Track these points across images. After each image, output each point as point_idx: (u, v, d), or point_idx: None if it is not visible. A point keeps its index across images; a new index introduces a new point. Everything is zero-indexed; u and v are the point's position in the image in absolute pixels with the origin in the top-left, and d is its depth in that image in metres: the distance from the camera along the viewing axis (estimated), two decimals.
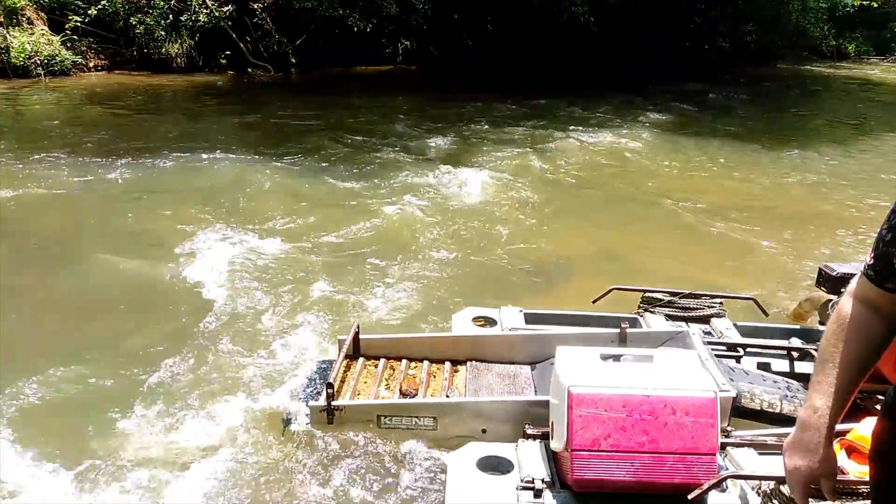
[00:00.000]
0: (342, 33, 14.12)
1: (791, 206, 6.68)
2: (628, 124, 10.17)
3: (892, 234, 1.15)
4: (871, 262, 1.20)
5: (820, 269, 3.17)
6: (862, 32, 26.69)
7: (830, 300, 2.96)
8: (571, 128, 9.67)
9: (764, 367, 3.21)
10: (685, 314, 3.49)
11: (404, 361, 3.16)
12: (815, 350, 3.08)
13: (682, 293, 3.54)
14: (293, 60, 14.14)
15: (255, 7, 13.74)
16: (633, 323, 3.38)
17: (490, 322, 3.45)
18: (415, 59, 15.82)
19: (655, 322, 3.40)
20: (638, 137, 9.48)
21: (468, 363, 3.20)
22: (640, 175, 7.75)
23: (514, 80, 14.13)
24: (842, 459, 2.24)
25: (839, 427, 2.51)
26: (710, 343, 3.13)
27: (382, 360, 3.17)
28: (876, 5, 21.30)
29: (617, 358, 2.47)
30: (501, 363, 3.23)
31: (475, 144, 8.42)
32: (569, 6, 14.89)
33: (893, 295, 1.18)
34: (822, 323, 3.11)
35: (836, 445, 2.42)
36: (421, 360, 3.19)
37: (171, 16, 13.07)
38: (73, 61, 12.48)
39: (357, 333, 3.19)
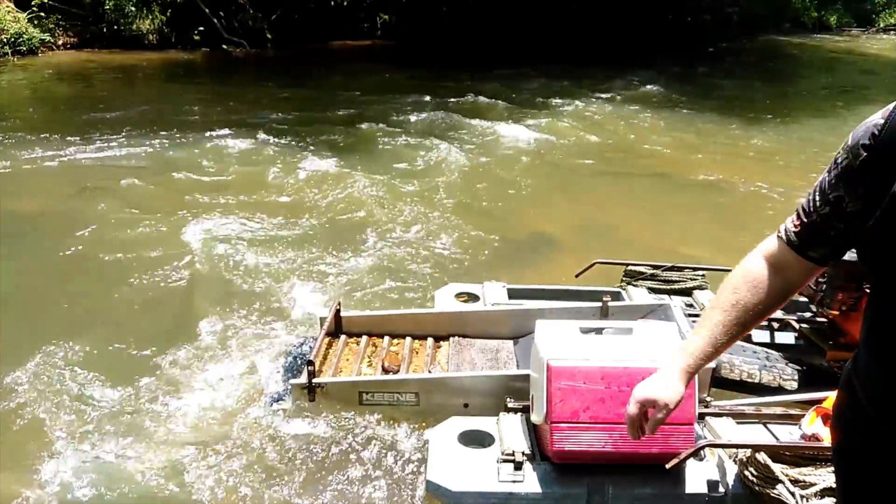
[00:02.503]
0: (318, 8, 13.90)
1: (774, 177, 6.70)
2: (611, 98, 10.15)
3: (830, 207, 1.17)
4: (797, 229, 1.22)
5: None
6: (843, 4, 26.75)
7: None
8: (553, 102, 9.63)
9: (745, 337, 3.24)
10: (667, 287, 3.51)
11: (386, 338, 3.15)
12: (795, 320, 3.15)
13: (664, 266, 3.56)
14: (269, 36, 13.91)
15: None
16: (616, 296, 3.39)
17: (473, 298, 3.44)
18: (394, 34, 15.62)
19: (638, 295, 3.42)
20: (620, 111, 9.47)
21: (451, 339, 3.19)
22: (622, 148, 7.75)
23: (494, 55, 14.02)
24: (817, 427, 2.28)
25: (815, 395, 2.59)
26: (691, 315, 3.15)
27: (364, 337, 3.15)
28: None
29: (598, 331, 2.48)
30: (484, 338, 3.22)
31: (456, 120, 8.34)
32: None
33: (811, 263, 1.23)
34: (800, 293, 3.14)
35: (811, 414, 2.47)
36: (403, 337, 3.18)
37: None
38: (41, 39, 12.16)
39: (338, 311, 3.17)
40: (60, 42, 12.71)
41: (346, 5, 13.41)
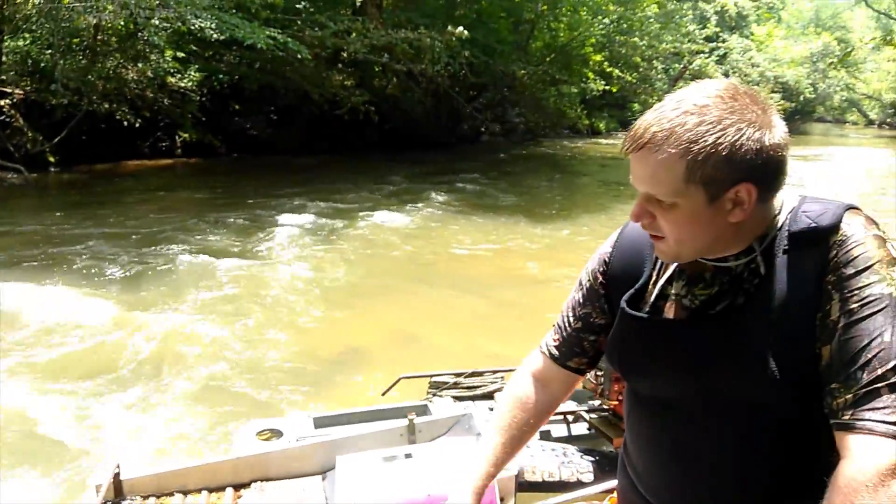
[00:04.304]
0: (110, 128, 13.21)
1: (561, 269, 7.31)
2: (409, 207, 10.56)
3: (581, 322, 1.32)
4: (556, 343, 1.36)
5: None
6: (608, 112, 31.31)
7: None
8: (355, 213, 9.79)
9: (545, 434, 3.39)
10: (471, 393, 3.60)
11: (178, 496, 2.81)
12: (586, 412, 3.37)
13: (465, 373, 3.66)
14: (52, 160, 12.86)
15: (2, 104, 12.36)
16: (423, 410, 3.38)
17: (277, 433, 3.24)
18: (195, 152, 15.24)
19: (443, 406, 3.44)
20: (417, 219, 9.90)
21: (253, 485, 2.93)
22: (420, 255, 8.02)
23: (298, 169, 14.22)
24: None
25: (609, 484, 2.73)
26: None
27: (152, 500, 2.79)
28: (614, 90, 25.09)
29: (404, 455, 2.45)
30: (290, 478, 3.01)
31: (254, 237, 8.14)
32: (349, 97, 15.49)
33: (570, 372, 1.36)
34: (583, 387, 3.38)
35: (607, 503, 2.60)
36: (199, 492, 2.86)
37: None
38: None
39: (118, 473, 2.79)
40: None
41: (138, 126, 12.81)
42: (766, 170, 1.02)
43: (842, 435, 0.97)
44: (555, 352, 1.35)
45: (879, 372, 0.95)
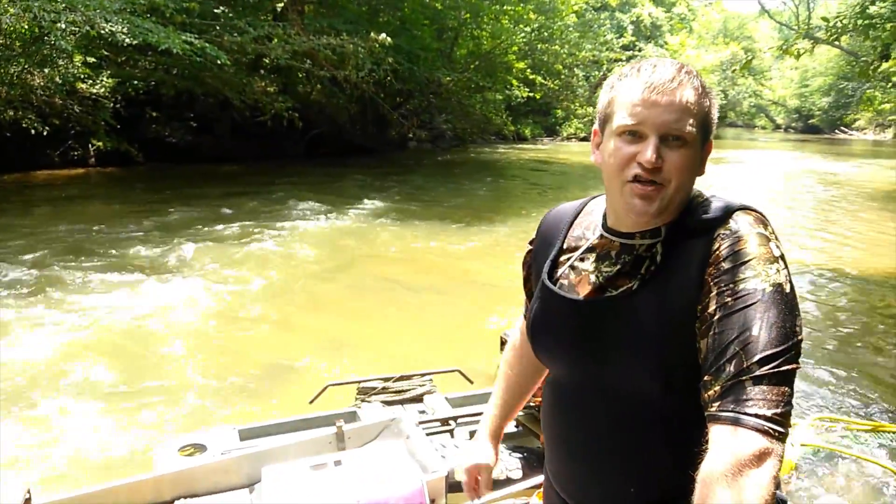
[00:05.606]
0: (16, 136, 12.48)
1: (492, 273, 7.42)
2: (336, 213, 10.44)
3: (525, 287, 1.44)
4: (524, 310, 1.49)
5: (501, 338, 3.54)
6: (533, 118, 32.02)
7: None
8: (280, 221, 9.62)
9: (474, 434, 3.43)
10: (400, 397, 3.60)
11: None
12: None
13: (394, 377, 3.66)
14: None
15: None
16: (351, 417, 3.37)
17: (200, 448, 3.14)
18: (110, 161, 14.59)
19: (372, 412, 3.43)
20: (344, 224, 9.80)
21: (176, 502, 2.84)
22: (346, 261, 7.91)
23: (221, 177, 13.85)
24: None
25: (536, 480, 2.80)
26: (424, 422, 3.25)
27: None
28: (538, 97, 25.69)
29: (334, 462, 2.44)
30: (216, 493, 2.94)
31: (173, 247, 7.80)
32: (271, 103, 15.21)
33: None
34: None
35: (535, 498, 2.66)
36: None
37: None
38: None
39: (28, 499, 2.64)
40: None
41: (46, 135, 12.11)
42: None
43: (710, 426, 0.99)
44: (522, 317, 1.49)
45: (745, 365, 0.97)
